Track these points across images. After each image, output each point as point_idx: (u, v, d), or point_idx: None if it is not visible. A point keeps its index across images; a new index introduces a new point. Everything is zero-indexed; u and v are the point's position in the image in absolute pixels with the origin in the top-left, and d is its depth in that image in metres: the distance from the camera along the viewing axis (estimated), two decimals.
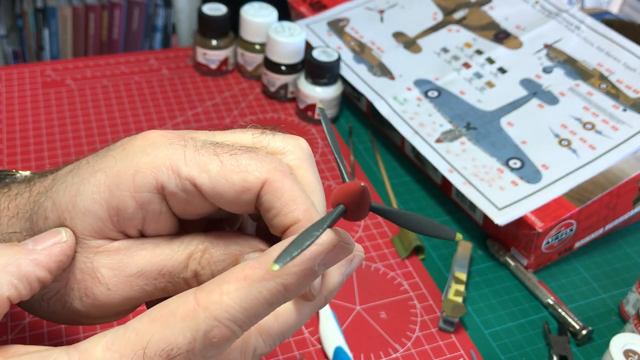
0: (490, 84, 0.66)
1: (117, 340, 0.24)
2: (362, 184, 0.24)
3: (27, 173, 0.36)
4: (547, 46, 0.68)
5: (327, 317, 0.49)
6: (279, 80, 0.71)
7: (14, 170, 0.35)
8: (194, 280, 0.28)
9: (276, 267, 0.21)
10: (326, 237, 0.25)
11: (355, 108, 0.74)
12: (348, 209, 0.24)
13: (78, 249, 0.28)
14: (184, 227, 0.31)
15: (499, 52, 0.69)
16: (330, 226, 0.24)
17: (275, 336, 0.28)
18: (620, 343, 0.45)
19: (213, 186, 0.26)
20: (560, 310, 0.52)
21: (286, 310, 0.28)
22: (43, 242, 0.27)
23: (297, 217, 0.26)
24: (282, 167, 0.27)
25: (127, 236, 0.28)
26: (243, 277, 0.24)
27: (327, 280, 0.28)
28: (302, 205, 0.26)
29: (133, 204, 0.27)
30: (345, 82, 0.71)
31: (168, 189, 0.27)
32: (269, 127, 0.30)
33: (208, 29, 0.73)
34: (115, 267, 0.28)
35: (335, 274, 0.28)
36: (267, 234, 0.29)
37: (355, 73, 0.69)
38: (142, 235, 0.29)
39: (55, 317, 0.29)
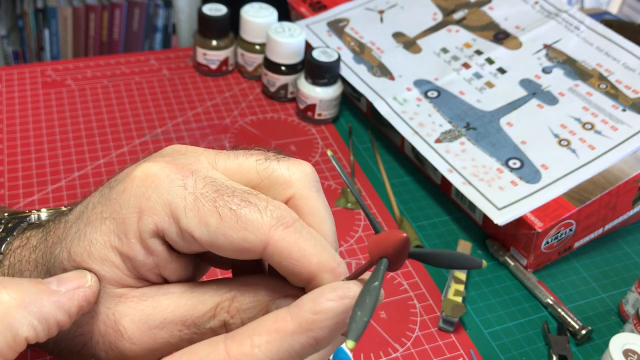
0: (489, 84, 0.66)
1: None
2: (405, 234, 0.23)
3: (42, 212, 0.36)
4: (546, 46, 0.68)
5: None
6: (278, 80, 0.72)
7: (27, 211, 0.35)
8: (223, 329, 0.27)
9: (352, 344, 0.21)
10: (356, 291, 0.24)
11: (355, 108, 0.74)
12: (391, 261, 0.24)
13: (100, 299, 0.27)
14: (207, 266, 0.31)
15: (499, 53, 0.69)
16: (379, 283, 0.24)
17: None
18: (619, 343, 0.45)
19: (212, 241, 0.26)
20: (559, 310, 0.52)
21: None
22: (67, 284, 0.26)
23: (311, 272, 0.25)
24: (284, 220, 0.26)
25: (150, 282, 0.28)
26: (275, 330, 0.24)
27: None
28: (314, 258, 0.26)
29: (142, 251, 0.27)
30: (345, 82, 0.71)
31: (169, 237, 0.26)
32: (273, 150, 0.30)
33: (208, 29, 0.73)
34: (138, 319, 0.27)
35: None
36: None
37: (355, 73, 0.70)
38: (165, 280, 0.28)
39: None
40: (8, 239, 0.31)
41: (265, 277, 0.28)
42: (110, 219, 0.27)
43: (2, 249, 0.31)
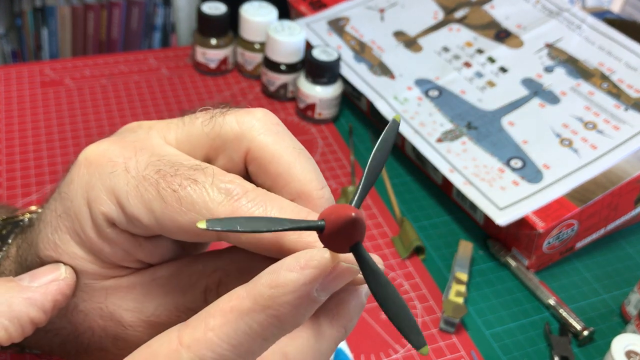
0: (491, 84, 0.65)
1: None
2: (354, 214, 0.19)
3: (34, 210, 0.34)
4: (548, 45, 0.68)
5: None
6: (278, 79, 0.71)
7: (21, 214, 0.33)
8: None
9: (203, 223, 0.19)
10: (321, 258, 0.21)
11: (355, 108, 0.74)
12: (326, 230, 0.20)
13: (86, 296, 0.26)
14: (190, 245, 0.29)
15: (500, 52, 0.68)
16: (289, 229, 0.20)
17: None
18: (621, 344, 0.45)
19: (161, 227, 0.24)
20: (561, 310, 0.52)
21: (300, 353, 0.23)
22: (40, 278, 0.25)
23: (272, 242, 0.23)
24: (233, 193, 0.23)
25: (134, 269, 0.26)
26: (229, 310, 0.21)
27: (343, 305, 0.24)
28: None
29: (104, 243, 0.25)
30: (346, 81, 0.71)
31: (120, 224, 0.24)
32: (221, 105, 0.27)
33: (207, 28, 0.73)
34: (132, 308, 0.26)
35: (352, 297, 0.24)
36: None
37: (355, 72, 0.69)
38: (150, 264, 0.27)
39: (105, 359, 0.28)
40: (4, 248, 0.30)
41: (251, 254, 0.26)
42: (65, 215, 0.25)
43: None
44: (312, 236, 0.22)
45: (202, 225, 0.18)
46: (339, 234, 0.20)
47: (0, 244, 0.30)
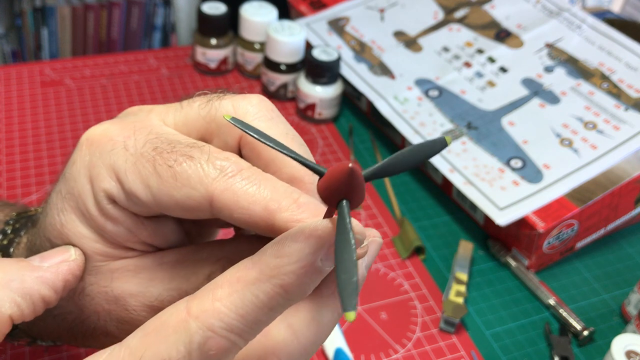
0: (491, 84, 0.65)
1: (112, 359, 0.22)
2: (349, 165, 0.20)
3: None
4: (548, 45, 0.68)
5: None
6: (278, 79, 0.71)
7: (34, 209, 0.34)
8: None
9: (352, 315, 0.17)
10: (325, 227, 0.21)
11: (355, 108, 0.74)
12: (349, 199, 0.20)
13: (93, 279, 0.27)
14: (195, 229, 0.29)
15: (500, 52, 0.68)
16: (351, 229, 0.20)
17: (298, 355, 0.24)
18: (622, 344, 0.45)
19: (157, 202, 0.24)
20: (561, 310, 0.52)
21: (304, 324, 0.24)
22: (50, 259, 0.25)
23: (264, 218, 0.23)
24: (228, 169, 0.24)
25: (140, 251, 0.27)
26: (236, 280, 0.21)
27: None
28: (261, 202, 0.23)
29: (107, 221, 0.25)
30: (346, 81, 0.71)
31: (119, 201, 0.25)
32: (219, 90, 0.28)
33: (207, 28, 0.73)
34: (136, 292, 0.26)
35: None
36: None
37: (355, 72, 0.69)
38: (157, 247, 0.27)
39: (110, 344, 0.29)
40: (16, 240, 0.31)
41: (257, 239, 0.26)
42: (69, 195, 0.26)
43: (12, 251, 0.30)
44: (304, 213, 0.23)
45: (351, 317, 0.17)
46: (357, 190, 0.20)
47: (13, 237, 0.31)
